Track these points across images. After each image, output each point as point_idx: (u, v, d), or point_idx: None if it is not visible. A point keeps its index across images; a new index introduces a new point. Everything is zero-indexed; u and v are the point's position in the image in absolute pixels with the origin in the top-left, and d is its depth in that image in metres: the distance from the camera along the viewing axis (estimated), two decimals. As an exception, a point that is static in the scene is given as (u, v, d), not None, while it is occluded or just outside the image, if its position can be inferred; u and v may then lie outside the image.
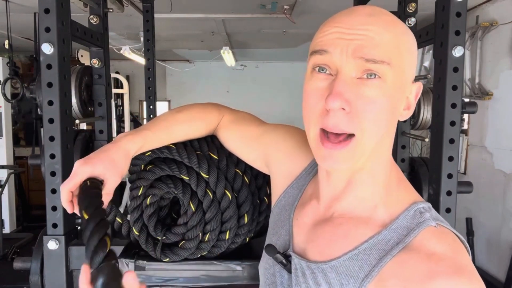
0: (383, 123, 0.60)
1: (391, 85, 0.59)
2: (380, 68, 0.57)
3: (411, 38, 0.63)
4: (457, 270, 0.54)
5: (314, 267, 0.66)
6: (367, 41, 0.58)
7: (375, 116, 0.59)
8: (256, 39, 5.27)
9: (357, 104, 0.58)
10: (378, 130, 0.60)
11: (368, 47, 0.57)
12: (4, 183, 4.21)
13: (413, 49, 0.64)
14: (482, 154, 3.74)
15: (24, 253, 2.61)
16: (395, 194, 0.66)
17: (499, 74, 3.51)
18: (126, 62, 6.31)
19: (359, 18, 0.60)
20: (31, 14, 3.61)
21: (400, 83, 0.61)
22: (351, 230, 0.65)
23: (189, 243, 0.95)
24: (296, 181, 0.80)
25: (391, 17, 0.62)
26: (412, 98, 0.65)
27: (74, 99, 1.42)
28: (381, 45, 0.58)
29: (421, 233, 0.59)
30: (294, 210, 0.77)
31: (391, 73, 0.58)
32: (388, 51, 0.58)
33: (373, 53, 0.57)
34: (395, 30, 0.60)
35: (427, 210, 0.63)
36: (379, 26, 0.59)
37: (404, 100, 0.63)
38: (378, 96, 0.58)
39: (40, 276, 1.07)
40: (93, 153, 0.77)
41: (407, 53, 0.61)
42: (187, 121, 0.94)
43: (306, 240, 0.71)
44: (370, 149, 0.61)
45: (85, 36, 1.30)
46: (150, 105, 2.45)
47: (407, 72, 0.62)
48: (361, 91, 0.58)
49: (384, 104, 0.59)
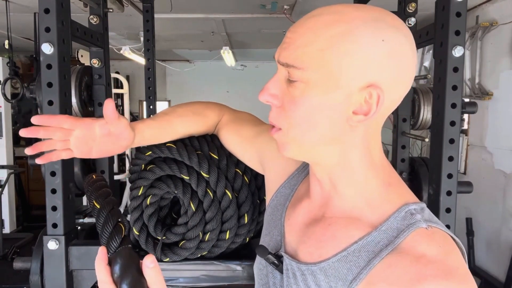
0: (316, 122, 0.60)
1: (317, 88, 0.58)
2: (294, 72, 0.59)
3: (356, 38, 0.56)
4: (447, 273, 0.53)
5: (304, 269, 0.65)
6: (289, 44, 0.60)
7: (302, 114, 0.60)
8: (256, 39, 5.27)
9: (284, 101, 0.62)
10: (313, 129, 0.61)
11: (287, 49, 0.60)
12: (4, 183, 4.21)
13: (357, 49, 0.56)
14: (482, 154, 3.74)
15: (24, 253, 2.61)
16: (383, 196, 0.64)
17: (499, 74, 3.50)
18: (126, 62, 6.31)
19: (302, 20, 0.61)
20: (31, 14, 3.60)
21: (334, 85, 0.58)
22: (340, 231, 0.64)
23: (189, 243, 0.95)
24: (288, 181, 0.80)
25: (336, 16, 0.57)
26: (373, 103, 0.58)
27: (74, 99, 1.42)
28: (298, 48, 0.58)
29: (411, 235, 0.58)
30: (285, 210, 0.76)
31: (313, 77, 0.58)
32: (306, 55, 0.57)
33: (286, 56, 0.60)
34: (330, 31, 0.57)
35: (418, 211, 0.61)
36: (309, 28, 0.58)
37: (352, 103, 0.59)
38: (301, 96, 0.60)
39: (40, 276, 1.07)
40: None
41: (345, 54, 0.56)
42: (188, 115, 0.96)
43: (297, 240, 0.70)
44: (309, 144, 0.63)
45: (85, 36, 1.30)
46: (150, 105, 2.45)
47: (346, 74, 0.57)
48: (288, 90, 0.62)
49: (310, 104, 0.59)
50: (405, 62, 0.59)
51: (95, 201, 0.62)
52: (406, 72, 0.59)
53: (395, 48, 0.57)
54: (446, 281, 0.52)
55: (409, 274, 0.54)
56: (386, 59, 0.57)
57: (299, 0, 3.33)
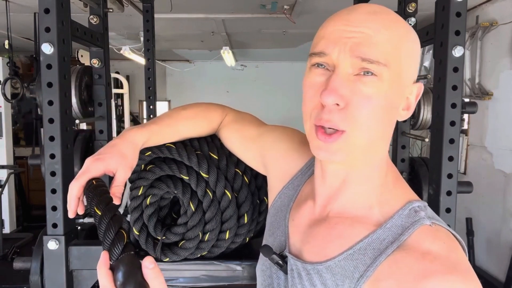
0: (378, 121, 0.60)
1: (388, 84, 0.59)
2: (376, 68, 0.58)
3: (413, 38, 0.63)
4: (452, 269, 0.54)
5: (309, 268, 0.65)
6: (365, 39, 0.58)
7: (369, 113, 0.59)
8: (256, 39, 5.27)
9: (352, 100, 0.59)
10: (372, 127, 0.60)
11: (365, 45, 0.58)
12: (4, 183, 4.20)
13: (415, 49, 0.63)
14: (482, 154, 3.74)
15: (24, 253, 2.61)
16: (390, 194, 0.65)
17: (499, 74, 3.50)
18: (126, 62, 6.30)
19: (359, 16, 0.60)
20: (31, 14, 3.61)
21: (398, 83, 0.61)
22: (346, 230, 0.64)
23: (189, 243, 0.95)
24: (291, 182, 0.80)
25: (393, 16, 0.62)
26: (413, 99, 0.64)
27: (74, 99, 1.42)
28: (378, 44, 0.58)
29: (415, 232, 0.59)
30: (289, 211, 0.77)
31: (387, 73, 0.58)
32: (385, 51, 0.58)
33: (369, 52, 0.58)
34: (396, 30, 0.60)
35: (422, 209, 0.62)
36: (379, 25, 0.59)
37: (403, 100, 0.63)
38: (374, 93, 0.59)
39: (40, 276, 1.07)
40: (102, 149, 0.78)
41: (407, 54, 0.61)
42: (191, 118, 0.95)
43: (302, 240, 0.70)
44: (363, 145, 0.61)
45: (85, 36, 1.30)
46: (150, 105, 2.45)
47: (406, 72, 0.61)
48: (357, 87, 0.59)
49: (379, 102, 0.59)
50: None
51: (96, 207, 0.62)
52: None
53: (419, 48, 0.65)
54: (452, 276, 0.53)
55: (415, 270, 0.54)
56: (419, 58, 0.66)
57: (299, 0, 3.33)
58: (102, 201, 0.63)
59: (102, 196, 0.65)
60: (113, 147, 0.78)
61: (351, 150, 0.61)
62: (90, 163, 0.73)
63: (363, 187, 0.65)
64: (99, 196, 0.65)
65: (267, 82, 7.13)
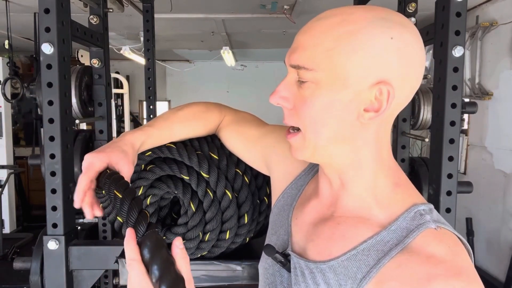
0: (331, 123, 0.61)
1: (327, 87, 0.59)
2: (303, 73, 0.60)
3: (367, 38, 0.57)
4: (456, 273, 0.54)
5: (313, 267, 0.66)
6: (297, 46, 0.61)
7: (311, 114, 0.61)
8: (256, 39, 5.27)
9: (295, 103, 0.64)
10: (326, 129, 0.62)
11: (294, 52, 0.61)
12: (4, 183, 4.21)
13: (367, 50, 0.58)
14: (482, 154, 3.74)
15: (24, 253, 2.61)
16: (392, 196, 0.65)
17: (499, 74, 3.51)
18: (126, 62, 6.31)
19: (310, 23, 0.62)
20: (31, 14, 3.61)
21: (343, 86, 0.59)
22: (350, 230, 0.64)
23: (189, 243, 0.95)
24: (295, 182, 0.80)
25: (343, 17, 0.59)
26: (383, 99, 0.59)
27: (74, 99, 1.42)
28: (308, 50, 0.60)
29: (420, 235, 0.59)
30: (292, 210, 0.77)
31: (321, 77, 0.59)
32: (315, 56, 0.59)
33: (295, 58, 0.61)
34: (337, 31, 0.58)
35: (427, 212, 0.62)
36: (317, 30, 0.60)
37: (362, 102, 0.60)
38: (312, 96, 0.61)
39: (40, 276, 1.07)
40: (101, 147, 0.78)
41: (351, 54, 0.57)
42: (188, 119, 0.95)
43: (305, 239, 0.71)
44: (320, 144, 0.63)
45: (85, 36, 1.30)
46: (150, 105, 2.45)
47: (355, 74, 0.58)
48: (298, 91, 0.63)
49: (321, 105, 0.60)
50: (414, 58, 0.60)
51: (117, 191, 0.63)
52: (415, 68, 0.61)
53: (403, 45, 0.58)
54: (456, 280, 0.53)
55: (419, 274, 0.54)
56: (395, 56, 0.58)
57: (299, 0, 3.33)
58: (121, 185, 0.65)
59: (120, 181, 0.66)
60: (112, 144, 0.78)
61: (312, 148, 0.65)
62: (92, 156, 0.73)
63: (359, 185, 0.66)
64: (117, 180, 0.66)
65: (267, 82, 7.13)
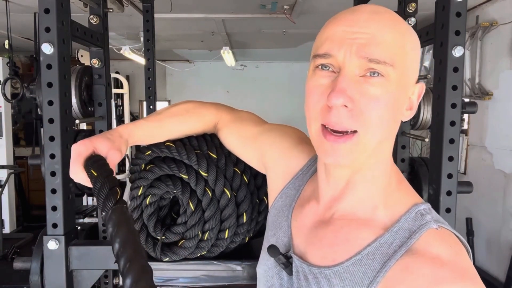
0: (386, 122, 0.60)
1: (395, 84, 0.59)
2: (383, 68, 0.57)
3: (414, 38, 0.63)
4: (461, 274, 0.54)
5: (316, 272, 0.65)
6: (370, 40, 0.58)
7: (378, 114, 0.58)
8: (256, 39, 5.27)
9: (360, 102, 0.58)
10: (381, 129, 0.60)
11: (371, 46, 0.57)
12: (4, 183, 4.21)
13: (416, 48, 0.63)
14: (482, 154, 3.74)
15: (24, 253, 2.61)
16: (395, 196, 0.65)
17: (499, 74, 3.50)
18: (126, 62, 6.31)
19: (363, 16, 0.60)
20: (31, 14, 3.61)
21: (404, 83, 0.60)
22: (352, 233, 0.64)
23: (189, 242, 0.95)
24: (292, 181, 0.80)
25: (395, 16, 0.62)
26: (415, 99, 0.64)
27: (74, 99, 1.42)
28: (383, 44, 0.58)
29: (423, 236, 0.59)
30: (292, 211, 0.76)
31: (394, 73, 0.58)
32: (391, 51, 0.58)
33: (376, 53, 0.57)
34: (399, 29, 0.60)
35: (427, 212, 0.62)
36: (383, 24, 0.59)
37: (406, 100, 0.63)
38: (382, 94, 0.58)
39: (40, 276, 1.07)
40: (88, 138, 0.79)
41: (411, 53, 0.61)
42: (180, 114, 0.94)
43: (306, 242, 0.70)
44: (372, 147, 0.61)
45: (85, 36, 1.30)
46: (150, 105, 2.45)
47: (410, 72, 0.61)
48: (364, 89, 0.58)
49: (387, 103, 0.58)
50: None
51: (93, 169, 0.65)
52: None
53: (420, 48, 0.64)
54: (462, 282, 0.54)
55: (426, 276, 0.55)
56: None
57: (299, 0, 3.33)
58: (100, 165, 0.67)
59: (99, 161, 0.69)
60: (100, 134, 0.81)
61: (361, 152, 0.60)
62: (79, 145, 0.74)
63: (368, 188, 0.65)
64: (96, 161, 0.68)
65: (267, 82, 7.13)
